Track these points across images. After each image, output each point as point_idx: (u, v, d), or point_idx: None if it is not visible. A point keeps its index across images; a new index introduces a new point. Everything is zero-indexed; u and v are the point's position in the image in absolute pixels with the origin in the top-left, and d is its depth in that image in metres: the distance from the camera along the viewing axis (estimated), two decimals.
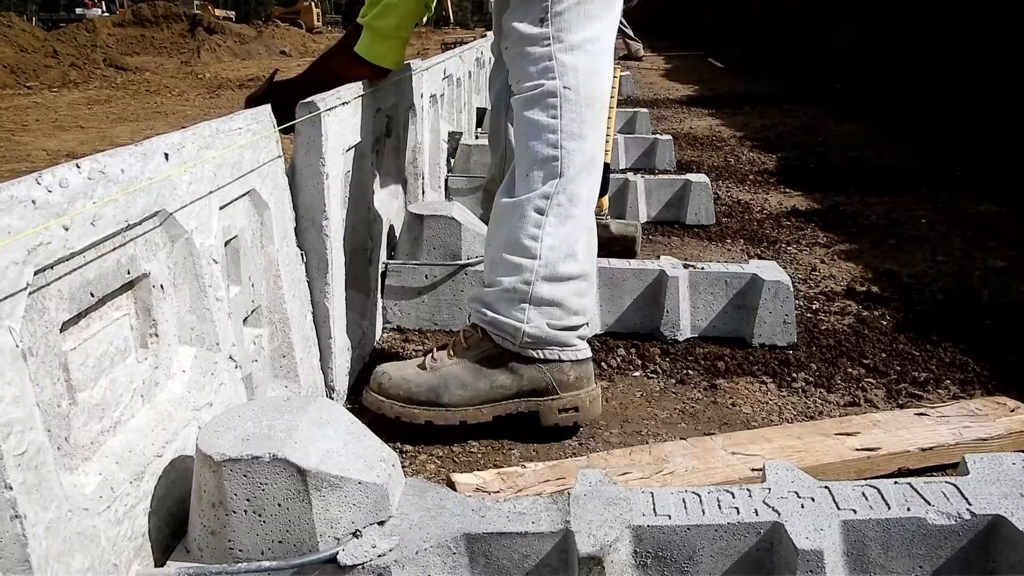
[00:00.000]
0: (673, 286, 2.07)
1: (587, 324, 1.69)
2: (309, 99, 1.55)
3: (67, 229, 0.88)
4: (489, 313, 1.62)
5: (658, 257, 2.22)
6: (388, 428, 1.67)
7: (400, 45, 1.87)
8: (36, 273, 0.83)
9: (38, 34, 12.21)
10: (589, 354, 1.68)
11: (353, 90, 1.76)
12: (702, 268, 2.11)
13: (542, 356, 1.62)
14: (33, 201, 0.82)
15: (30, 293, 0.83)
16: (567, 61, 1.62)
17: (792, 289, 2.05)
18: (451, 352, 1.65)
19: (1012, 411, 1.62)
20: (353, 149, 1.81)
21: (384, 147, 2.23)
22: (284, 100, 1.61)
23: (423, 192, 2.69)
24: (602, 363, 1.97)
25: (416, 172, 2.62)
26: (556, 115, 1.61)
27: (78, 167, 0.90)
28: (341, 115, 1.66)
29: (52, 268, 0.87)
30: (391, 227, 2.19)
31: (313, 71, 1.90)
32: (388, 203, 2.22)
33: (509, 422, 1.63)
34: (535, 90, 1.62)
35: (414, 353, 2.01)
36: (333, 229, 1.62)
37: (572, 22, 1.62)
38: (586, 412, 1.65)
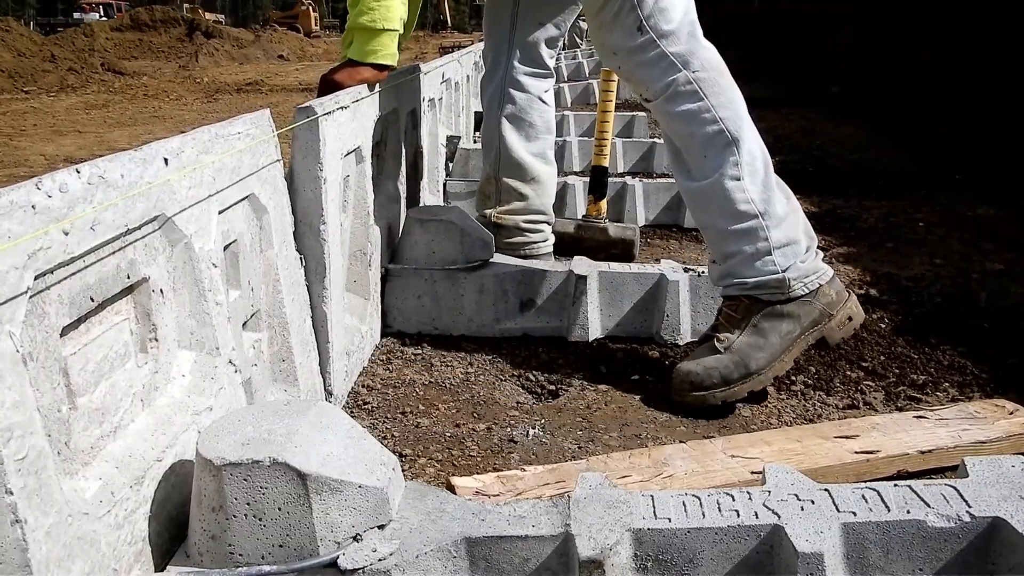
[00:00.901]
0: (673, 290, 2.08)
1: (815, 244, 1.85)
2: (307, 104, 1.55)
3: (67, 234, 0.88)
4: (749, 280, 1.78)
5: (658, 261, 2.22)
6: (387, 432, 1.67)
7: (390, 39, 1.88)
8: (36, 278, 0.83)
9: (36, 38, 12.22)
10: (832, 272, 1.84)
11: (352, 95, 1.76)
12: (702, 272, 2.11)
13: (805, 291, 1.78)
14: (33, 206, 0.83)
15: (30, 298, 0.83)
16: (679, 51, 1.78)
17: None
18: (730, 328, 1.80)
19: (1011, 414, 1.63)
20: (352, 154, 1.82)
21: (384, 151, 2.23)
22: None
23: (422, 196, 2.69)
24: (601, 367, 1.97)
25: (416, 176, 2.62)
26: (701, 97, 1.78)
27: (78, 172, 0.90)
28: (339, 120, 1.66)
29: (52, 273, 0.87)
30: (391, 231, 2.19)
31: (320, 92, 1.90)
32: (388, 207, 2.22)
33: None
34: (669, 88, 1.79)
35: (414, 357, 2.01)
36: (331, 233, 1.62)
37: (661, 17, 1.78)
38: (857, 317, 1.84)
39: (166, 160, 1.08)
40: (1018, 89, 4.84)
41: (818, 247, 1.86)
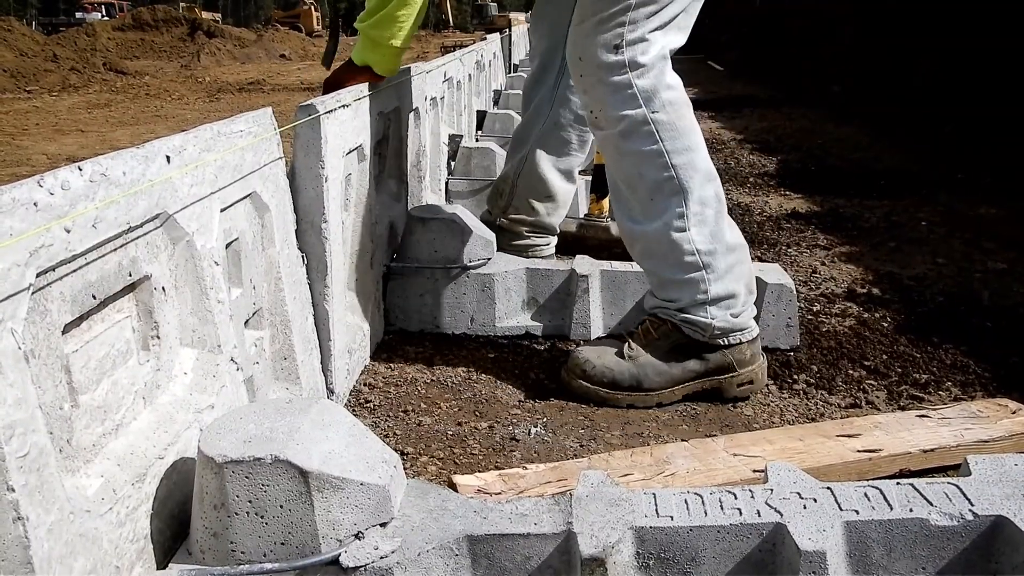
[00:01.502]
0: None
1: (753, 298, 1.82)
2: (308, 102, 1.55)
3: (69, 231, 0.88)
4: (679, 314, 1.77)
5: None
6: (389, 431, 1.67)
7: (395, 54, 1.88)
8: (38, 275, 0.83)
9: (38, 38, 12.23)
10: (758, 331, 1.83)
11: (353, 93, 1.76)
12: None
13: (726, 343, 1.77)
14: (35, 203, 0.82)
15: (32, 295, 0.83)
16: (646, 86, 1.67)
17: (796, 292, 2.05)
18: (644, 342, 1.80)
19: (1013, 413, 1.62)
20: (354, 152, 1.82)
21: (386, 150, 2.23)
22: None
23: (424, 195, 2.69)
24: None
25: (419, 175, 2.62)
26: (656, 140, 1.68)
27: (80, 170, 0.90)
28: (340, 118, 1.66)
29: (54, 270, 0.87)
30: (393, 229, 2.19)
31: (324, 89, 1.91)
32: (390, 205, 2.22)
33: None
34: (622, 123, 1.69)
35: (416, 355, 2.01)
36: (332, 232, 1.62)
37: (645, 47, 1.67)
38: (758, 383, 1.83)
39: (168, 158, 1.08)
40: (1018, 90, 4.83)
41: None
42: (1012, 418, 1.60)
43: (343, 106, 1.67)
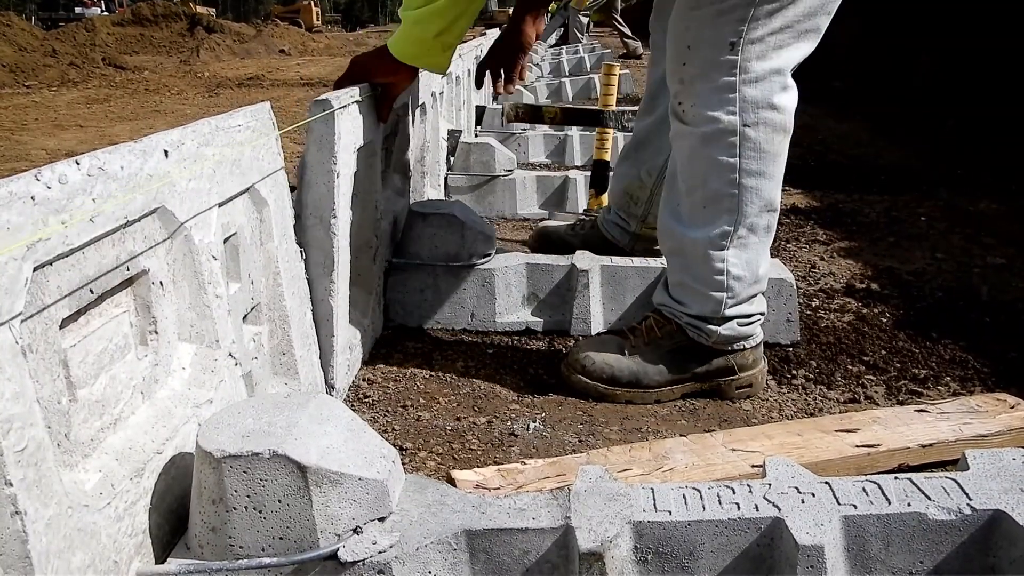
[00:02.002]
0: None
1: (765, 310, 1.79)
2: (323, 96, 1.54)
3: (66, 225, 0.87)
4: (686, 316, 1.74)
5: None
6: (388, 426, 1.67)
7: (442, 48, 1.73)
8: (35, 269, 0.83)
9: (37, 33, 12.20)
10: (762, 337, 1.81)
11: (367, 87, 1.74)
12: None
13: (729, 348, 1.76)
14: (32, 197, 0.82)
15: (29, 289, 0.83)
16: (751, 96, 1.57)
17: (796, 287, 2.04)
18: (646, 340, 1.79)
19: (1012, 408, 1.62)
20: (364, 147, 1.80)
21: (393, 145, 2.22)
22: None
23: (425, 191, 2.69)
24: None
25: (423, 170, 2.61)
26: (735, 154, 1.60)
27: (77, 164, 0.90)
28: (353, 113, 1.65)
29: (51, 264, 0.87)
30: (396, 225, 2.19)
31: (348, 72, 1.79)
32: (394, 201, 2.21)
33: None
34: (712, 125, 1.59)
35: (415, 350, 2.01)
36: (341, 227, 1.61)
37: (764, 51, 1.56)
38: (757, 386, 1.82)
39: (166, 152, 1.08)
40: (1018, 87, 4.82)
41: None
42: (1010, 413, 1.60)
43: (356, 101, 1.66)
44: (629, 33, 11.42)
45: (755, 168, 1.61)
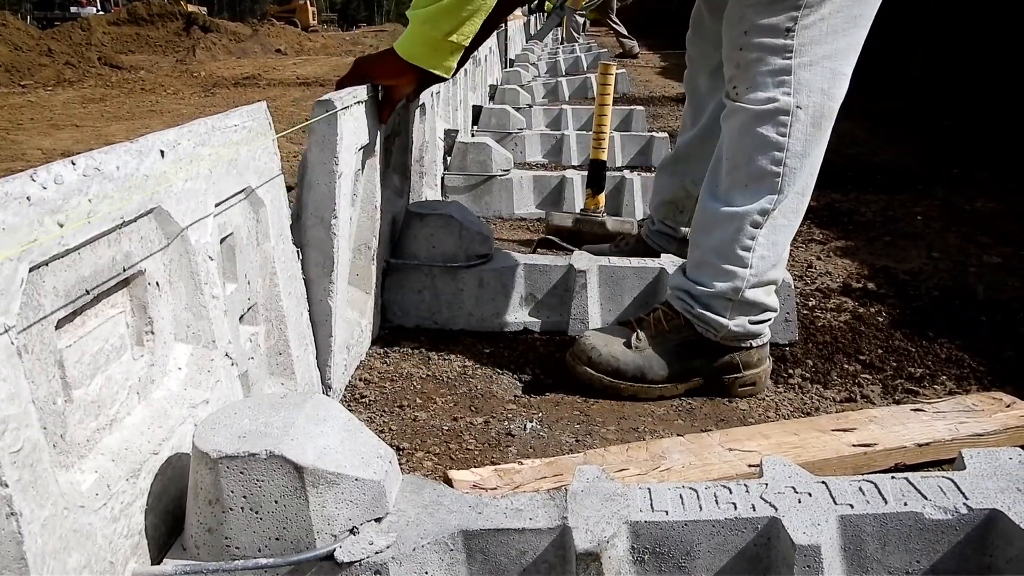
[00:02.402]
0: None
1: (778, 308, 1.80)
2: (326, 97, 1.54)
3: (62, 226, 0.87)
4: (696, 308, 1.74)
5: (658, 255, 2.21)
6: (384, 426, 1.67)
7: (450, 50, 1.67)
8: (31, 270, 0.83)
9: (33, 32, 12.16)
10: (769, 337, 1.82)
11: (370, 88, 1.74)
12: None
13: (736, 345, 1.76)
14: (28, 198, 0.82)
15: (25, 290, 0.83)
16: (805, 79, 1.62)
17: (793, 287, 2.05)
18: (653, 333, 1.79)
19: (1008, 406, 1.63)
20: (365, 147, 1.80)
21: (393, 145, 2.22)
22: None
23: (423, 191, 2.69)
24: None
25: (422, 170, 2.61)
26: (784, 133, 1.64)
27: (73, 164, 0.90)
28: (356, 113, 1.65)
29: (47, 265, 0.87)
30: (394, 225, 2.19)
31: (350, 73, 1.77)
32: (392, 201, 2.21)
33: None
34: (767, 104, 1.64)
35: (412, 350, 2.01)
36: (341, 228, 1.61)
37: (817, 36, 1.61)
38: (760, 385, 1.82)
39: (162, 152, 1.08)
40: (1014, 85, 4.83)
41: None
42: (1006, 412, 1.61)
43: (359, 102, 1.66)
44: (625, 32, 11.43)
45: (800, 150, 1.65)
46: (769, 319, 1.79)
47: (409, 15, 1.68)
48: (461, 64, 1.81)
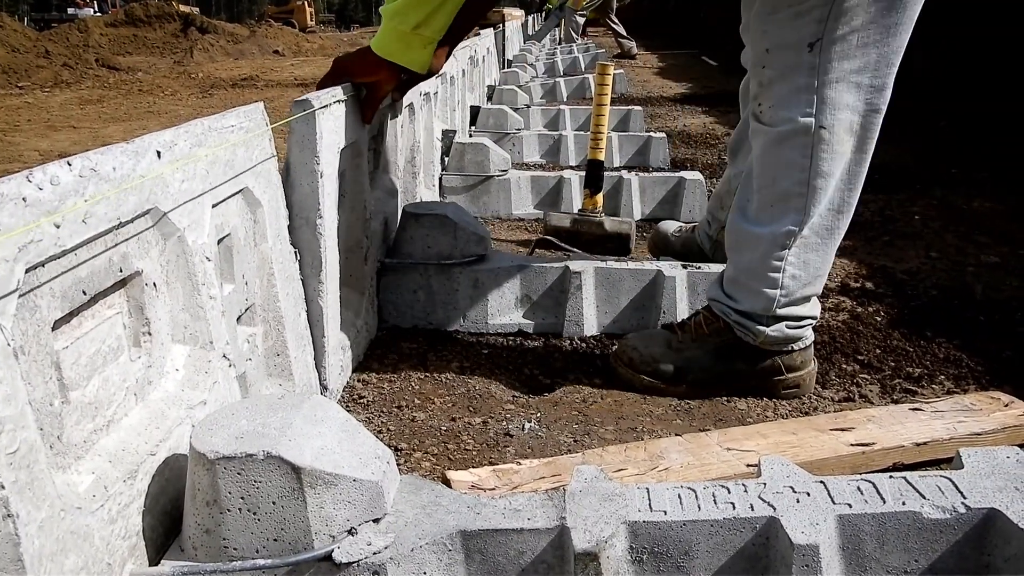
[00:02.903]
0: (671, 286, 2.07)
1: (817, 315, 1.77)
2: (304, 97, 1.54)
3: (58, 227, 0.87)
4: (734, 314, 1.74)
5: (656, 257, 2.21)
6: (382, 427, 1.67)
7: (421, 43, 1.69)
8: (27, 271, 0.83)
9: (30, 34, 12.16)
10: (812, 339, 1.79)
11: (350, 87, 1.74)
12: (699, 268, 2.11)
13: (776, 349, 1.75)
14: (24, 199, 0.82)
15: (21, 294, 0.82)
16: (829, 97, 1.56)
17: None
18: (694, 336, 1.79)
19: (1006, 406, 1.63)
20: (349, 147, 1.80)
21: (381, 145, 2.22)
22: None
23: (418, 191, 2.69)
24: (597, 361, 1.97)
25: (414, 171, 2.61)
26: (807, 155, 1.58)
27: (69, 165, 0.90)
28: (336, 113, 1.65)
29: (43, 266, 0.87)
30: (388, 225, 2.18)
31: (329, 73, 1.77)
32: (385, 201, 2.21)
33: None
34: (787, 125, 1.59)
35: (409, 351, 2.01)
36: (327, 228, 1.61)
37: (846, 51, 1.53)
38: (805, 387, 1.80)
39: (159, 153, 1.07)
40: (1014, 84, 4.84)
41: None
42: (1005, 411, 1.61)
43: (338, 101, 1.66)
44: (624, 33, 11.44)
45: (825, 169, 1.60)
46: (810, 324, 1.76)
47: (382, 12, 1.70)
48: (444, 59, 1.82)
